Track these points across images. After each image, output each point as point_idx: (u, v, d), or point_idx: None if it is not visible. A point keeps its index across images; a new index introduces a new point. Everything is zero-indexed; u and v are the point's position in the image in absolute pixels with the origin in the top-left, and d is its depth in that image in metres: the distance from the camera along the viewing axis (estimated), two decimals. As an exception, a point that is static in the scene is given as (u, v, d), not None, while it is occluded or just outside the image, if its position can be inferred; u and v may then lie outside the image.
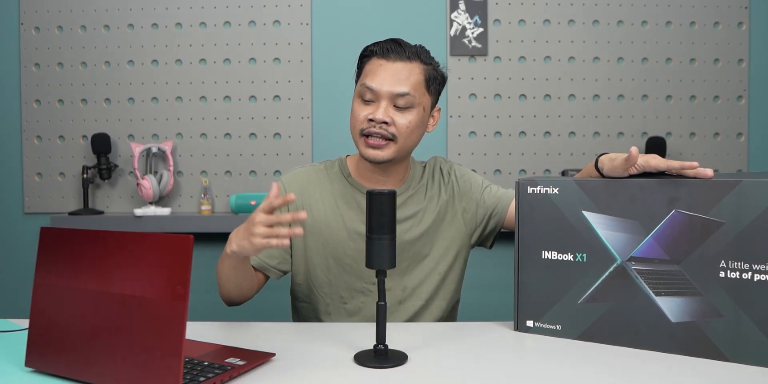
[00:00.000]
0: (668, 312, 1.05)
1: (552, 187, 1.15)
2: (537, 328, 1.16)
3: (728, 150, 2.53)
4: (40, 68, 2.51)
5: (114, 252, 0.90)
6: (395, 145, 1.29)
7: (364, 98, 1.29)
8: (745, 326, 0.99)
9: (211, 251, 2.50)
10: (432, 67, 1.32)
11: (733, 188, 0.99)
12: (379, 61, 1.29)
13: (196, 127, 2.53)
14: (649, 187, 1.06)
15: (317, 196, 1.39)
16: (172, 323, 0.83)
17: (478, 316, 1.35)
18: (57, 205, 2.54)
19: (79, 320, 0.91)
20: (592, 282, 1.11)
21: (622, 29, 2.51)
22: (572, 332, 1.13)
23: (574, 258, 1.12)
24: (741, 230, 0.99)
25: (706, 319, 1.02)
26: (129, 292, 0.87)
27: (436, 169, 1.45)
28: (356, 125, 1.30)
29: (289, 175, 1.43)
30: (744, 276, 0.99)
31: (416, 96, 1.28)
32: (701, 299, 1.02)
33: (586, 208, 1.11)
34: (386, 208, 1.01)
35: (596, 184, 1.11)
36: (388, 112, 1.27)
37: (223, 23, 2.50)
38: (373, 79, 1.27)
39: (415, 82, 1.28)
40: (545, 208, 1.15)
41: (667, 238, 1.04)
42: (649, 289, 1.06)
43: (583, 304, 1.12)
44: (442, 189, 1.42)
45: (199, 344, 1.07)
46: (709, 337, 1.02)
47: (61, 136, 2.53)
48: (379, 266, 1.02)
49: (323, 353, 1.07)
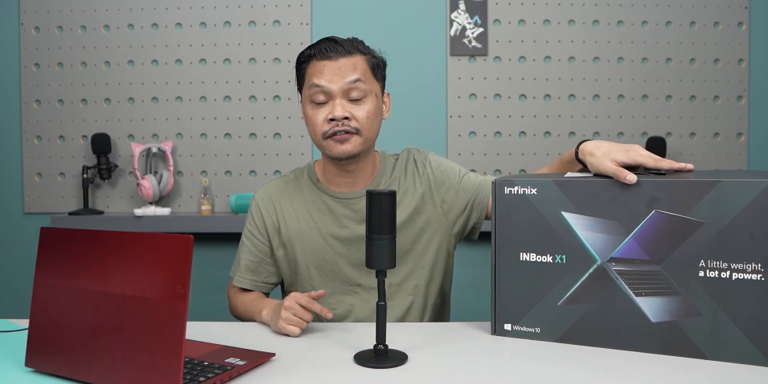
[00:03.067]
0: (648, 312, 1.05)
1: (530, 187, 1.13)
2: (515, 332, 1.15)
3: (728, 150, 2.53)
4: (40, 68, 2.51)
5: (114, 252, 0.90)
6: (360, 138, 1.29)
7: (317, 101, 1.29)
8: (723, 325, 0.99)
9: (211, 251, 2.51)
10: (371, 55, 1.33)
11: (713, 188, 0.99)
12: (321, 63, 1.28)
13: (196, 127, 2.53)
14: (629, 187, 1.05)
15: (289, 207, 1.40)
16: (172, 323, 0.83)
17: (477, 317, 1.34)
18: (57, 205, 2.54)
19: (79, 320, 0.91)
20: (572, 283, 1.10)
21: (622, 29, 2.51)
22: (552, 335, 1.12)
23: (554, 260, 1.11)
24: (720, 230, 0.99)
25: (685, 319, 1.02)
26: (129, 292, 0.87)
27: (410, 160, 1.43)
28: (317, 130, 1.30)
29: (260, 191, 1.44)
30: (723, 275, 0.99)
31: (367, 83, 1.29)
32: (681, 299, 1.02)
33: (565, 209, 1.10)
34: (386, 208, 1.01)
35: (575, 185, 1.09)
36: (345, 107, 1.28)
37: (223, 23, 2.51)
38: (320, 78, 1.27)
39: (362, 72, 1.29)
40: (523, 209, 1.13)
41: (648, 238, 1.04)
42: (629, 289, 1.06)
43: (562, 306, 1.11)
44: (417, 181, 1.40)
45: (199, 344, 1.07)
46: (689, 336, 1.02)
47: (61, 136, 2.53)
48: (379, 266, 1.02)
49: (323, 353, 1.07)
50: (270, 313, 1.23)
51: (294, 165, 2.47)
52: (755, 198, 0.97)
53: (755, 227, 0.97)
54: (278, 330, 1.18)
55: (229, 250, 2.50)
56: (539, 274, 1.12)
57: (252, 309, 1.32)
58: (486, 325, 1.22)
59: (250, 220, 1.43)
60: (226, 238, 2.49)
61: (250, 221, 1.43)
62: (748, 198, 0.97)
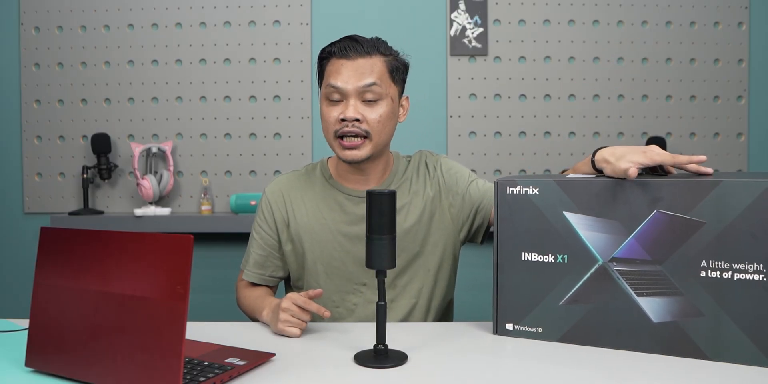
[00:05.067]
0: (650, 312, 1.04)
1: (532, 187, 1.13)
2: (516, 332, 1.15)
3: (728, 150, 2.53)
4: (40, 68, 2.51)
5: (114, 252, 0.90)
6: (370, 143, 1.29)
7: (332, 99, 1.29)
8: (725, 325, 0.99)
9: (211, 251, 2.51)
10: (393, 57, 1.32)
11: (714, 188, 0.99)
12: (339, 61, 1.28)
13: (196, 127, 2.52)
14: (630, 187, 1.05)
15: (299, 202, 1.40)
16: (172, 323, 0.83)
17: (479, 317, 1.34)
18: (57, 205, 2.54)
19: (79, 320, 0.91)
20: (574, 283, 1.10)
21: (622, 29, 2.50)
22: (553, 335, 1.12)
23: (555, 259, 1.11)
24: (722, 230, 0.99)
25: (687, 319, 1.02)
26: (129, 292, 0.87)
27: (422, 163, 1.43)
28: (329, 128, 1.30)
29: (271, 185, 1.44)
30: (724, 275, 0.99)
31: (383, 86, 1.28)
32: (682, 299, 1.02)
33: (567, 209, 1.10)
34: (386, 208, 1.01)
35: (577, 184, 1.10)
36: (357, 108, 1.27)
37: (223, 23, 2.50)
38: (336, 78, 1.27)
39: (379, 74, 1.28)
40: (525, 209, 1.13)
41: (649, 238, 1.04)
42: (630, 289, 1.06)
43: (564, 305, 1.11)
44: (428, 184, 1.40)
45: (199, 344, 1.07)
46: (690, 337, 1.02)
47: (61, 136, 2.53)
48: (379, 266, 1.02)
49: (323, 353, 1.07)
50: (269, 314, 1.23)
51: (294, 165, 2.47)
52: (757, 198, 0.96)
53: (757, 227, 0.97)
54: (278, 332, 1.18)
55: (230, 250, 2.51)
56: (541, 274, 1.12)
57: (254, 307, 1.33)
58: (487, 325, 1.22)
59: (260, 213, 1.43)
60: (226, 238, 2.49)
61: (259, 215, 1.43)
62: (750, 198, 0.97)
